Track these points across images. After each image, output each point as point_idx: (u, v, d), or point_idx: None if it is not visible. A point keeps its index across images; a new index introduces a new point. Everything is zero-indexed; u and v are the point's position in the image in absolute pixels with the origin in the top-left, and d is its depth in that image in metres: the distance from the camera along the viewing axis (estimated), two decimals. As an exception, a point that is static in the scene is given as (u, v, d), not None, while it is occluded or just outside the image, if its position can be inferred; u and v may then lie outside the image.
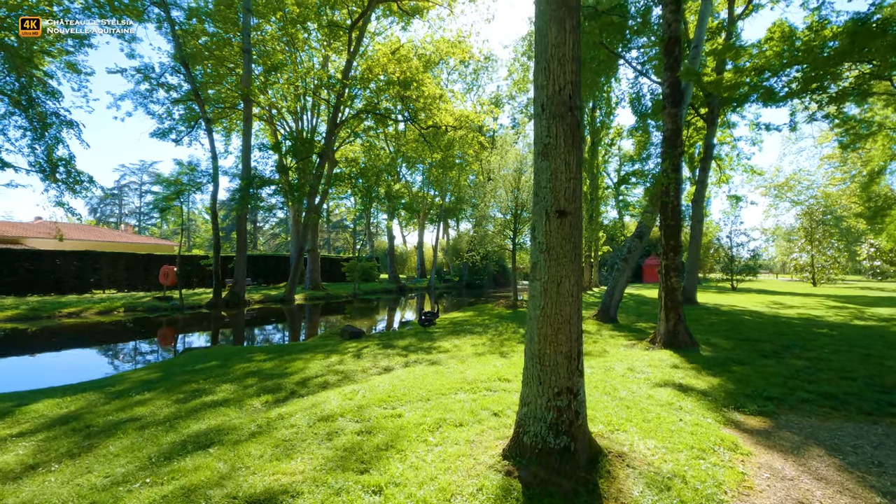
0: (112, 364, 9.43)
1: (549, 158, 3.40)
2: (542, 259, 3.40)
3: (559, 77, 3.41)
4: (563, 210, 3.35)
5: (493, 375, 6.35)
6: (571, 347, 3.36)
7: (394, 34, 27.69)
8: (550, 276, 3.36)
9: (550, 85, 3.43)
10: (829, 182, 45.27)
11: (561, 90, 3.41)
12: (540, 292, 3.40)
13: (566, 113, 3.39)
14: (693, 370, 6.65)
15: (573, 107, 3.42)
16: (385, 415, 4.60)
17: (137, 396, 5.78)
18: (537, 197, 3.49)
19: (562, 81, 3.41)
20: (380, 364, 7.62)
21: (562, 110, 3.39)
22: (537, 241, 3.46)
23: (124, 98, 24.26)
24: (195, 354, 8.81)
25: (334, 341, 10.45)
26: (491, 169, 20.30)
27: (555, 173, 3.38)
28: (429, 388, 5.63)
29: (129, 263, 26.58)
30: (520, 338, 10.21)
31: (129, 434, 4.42)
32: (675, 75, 8.54)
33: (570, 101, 3.42)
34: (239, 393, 5.84)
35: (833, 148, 45.77)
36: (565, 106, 3.40)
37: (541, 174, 3.46)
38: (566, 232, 3.36)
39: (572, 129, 3.40)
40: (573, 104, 3.43)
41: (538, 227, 3.46)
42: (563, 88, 3.41)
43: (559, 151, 3.37)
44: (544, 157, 3.43)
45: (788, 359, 7.61)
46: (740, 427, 4.33)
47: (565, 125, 3.38)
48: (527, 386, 3.50)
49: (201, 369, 7.31)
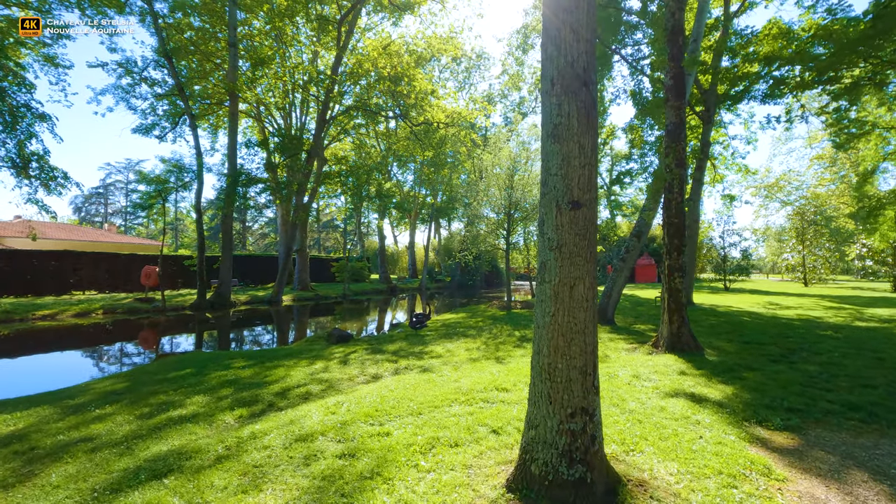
0: (79, 371, 8.79)
1: (560, 141, 2.92)
2: (553, 258, 2.92)
3: (572, 47, 2.93)
4: (576, 201, 2.88)
5: (489, 384, 5.88)
6: (587, 361, 2.89)
7: (384, 30, 27.11)
8: (562, 277, 2.88)
9: (561, 56, 2.95)
10: (818, 182, 45.57)
11: (574, 62, 2.93)
12: (550, 297, 2.93)
13: (580, 88, 2.92)
14: (703, 377, 6.23)
15: (588, 81, 2.95)
16: (371, 433, 4.10)
17: (97, 411, 5.21)
18: (546, 186, 3.02)
19: (575, 52, 2.93)
20: (367, 371, 7.10)
21: (575, 85, 2.92)
22: (546, 237, 2.98)
23: (105, 93, 23.44)
24: (169, 361, 8.22)
25: (320, 346, 9.90)
26: (483, 167, 19.84)
27: (567, 158, 2.90)
28: (420, 400, 5.13)
29: (110, 264, 25.72)
30: (515, 341, 9.76)
31: (78, 458, 3.87)
32: (679, 65, 8.14)
33: (585, 74, 2.94)
34: (211, 406, 5.29)
35: (822, 148, 46.14)
36: (579, 80, 2.93)
37: (550, 159, 2.98)
38: (581, 226, 2.89)
39: (587, 107, 2.93)
40: (588, 78, 2.95)
41: (547, 220, 2.99)
42: (577, 60, 2.93)
43: (572, 133, 2.90)
44: (554, 140, 2.95)
45: (799, 363, 7.24)
46: (767, 445, 3.89)
47: (579, 102, 2.91)
48: (534, 405, 3.02)
49: (173, 378, 6.74)
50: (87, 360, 10.05)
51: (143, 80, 23.23)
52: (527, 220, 20.71)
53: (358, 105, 23.33)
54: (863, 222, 24.41)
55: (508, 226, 19.32)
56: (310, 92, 24.64)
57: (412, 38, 26.55)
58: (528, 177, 19.38)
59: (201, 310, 20.18)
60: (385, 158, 31.82)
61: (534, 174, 19.79)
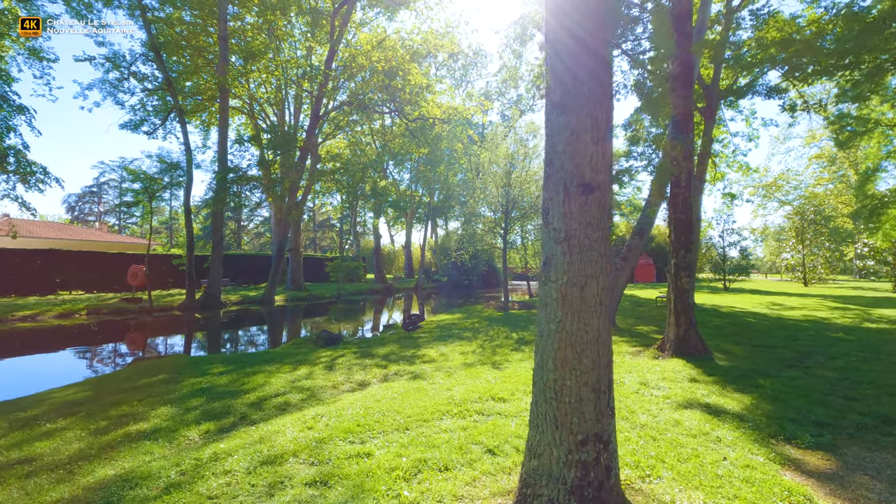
0: (45, 378, 8.22)
1: (569, 112, 2.43)
2: (560, 252, 2.42)
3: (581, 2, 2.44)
4: (588, 183, 2.38)
5: (485, 393, 5.38)
6: (601, 377, 2.39)
7: (379, 25, 26.58)
8: (572, 276, 2.38)
9: (570, 6, 2.46)
10: (817, 182, 45.29)
11: (585, 17, 2.44)
12: (556, 299, 2.43)
13: (596, 47, 2.42)
14: (716, 385, 5.75)
15: (602, 41, 2.46)
16: (350, 453, 3.59)
17: (47, 425, 4.68)
18: (551, 167, 2.52)
19: (585, 6, 2.44)
20: (354, 378, 6.59)
21: (588, 44, 2.42)
22: (552, 227, 2.48)
23: (92, 87, 22.88)
24: (143, 366, 7.68)
25: (307, 349, 9.37)
26: (481, 163, 19.33)
27: (576, 133, 2.41)
28: (408, 413, 4.63)
29: (99, 263, 25.09)
30: (513, 344, 9.26)
31: (8, 485, 3.34)
32: (687, 52, 7.65)
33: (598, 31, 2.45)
34: (175, 420, 4.77)
35: (821, 148, 45.87)
36: (592, 38, 2.43)
37: (556, 135, 2.48)
38: (593, 214, 2.39)
39: (599, 71, 2.44)
40: (602, 37, 2.46)
41: (553, 208, 2.49)
42: (589, 15, 2.44)
43: (582, 101, 2.40)
44: (561, 111, 2.46)
45: (815, 368, 6.78)
46: (802, 468, 3.41)
47: (591, 66, 2.42)
48: (537, 429, 2.52)
49: (143, 386, 6.21)
50: (59, 365, 9.48)
51: (133, 75, 22.67)
52: (524, 218, 20.24)
53: (352, 100, 22.75)
54: (865, 221, 24.02)
55: (506, 224, 18.83)
56: (303, 87, 24.10)
57: (408, 34, 26.02)
58: (525, 174, 18.90)
59: (190, 310, 19.59)
60: (380, 156, 31.25)
61: (531, 171, 19.32)
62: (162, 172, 20.51)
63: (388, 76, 20.64)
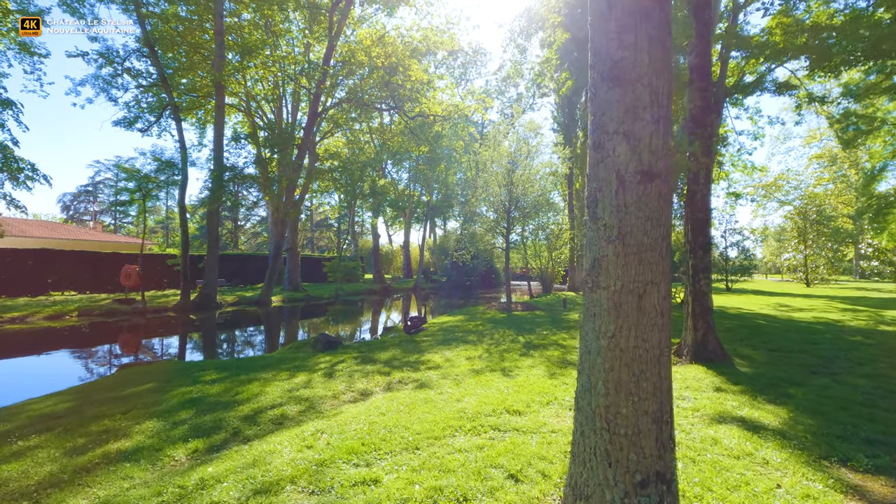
0: (27, 386, 7.76)
1: (623, 84, 2.02)
2: (612, 253, 2.01)
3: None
4: (647, 170, 1.98)
5: (498, 404, 4.98)
6: (663, 404, 1.99)
7: (378, 21, 26.12)
8: (627, 281, 1.98)
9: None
10: (817, 182, 45.09)
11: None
12: (608, 309, 2.02)
13: (652, 6, 2.02)
14: (744, 395, 5.36)
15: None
16: (355, 479, 3.18)
17: (19, 443, 4.24)
18: (600, 151, 2.11)
19: (643, -43, 2.03)
20: (355, 387, 6.17)
21: (645, 1, 2.01)
22: (601, 223, 2.07)
23: (85, 83, 22.36)
24: (131, 373, 7.24)
25: (305, 353, 8.94)
26: (482, 161, 18.92)
27: (632, 109, 2.00)
28: (417, 428, 4.22)
29: (92, 263, 24.57)
30: (520, 348, 8.85)
31: (-37, 520, 2.92)
32: (706, 41, 7.27)
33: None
34: (161, 436, 4.34)
35: (821, 148, 45.67)
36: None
37: (606, 113, 2.07)
38: (654, 207, 1.99)
39: (661, 35, 2.03)
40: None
41: (603, 200, 2.08)
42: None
43: (641, 72, 1.99)
44: (613, 84, 2.05)
45: (843, 375, 6.41)
46: (867, 498, 3.01)
47: (650, 27, 2.01)
48: (584, 465, 2.11)
49: (128, 396, 5.77)
50: (43, 370, 9.02)
51: (127, 71, 22.21)
52: (526, 218, 19.85)
53: (351, 98, 22.30)
54: (870, 221, 23.74)
55: (508, 224, 18.42)
56: (300, 84, 23.64)
57: (407, 30, 25.60)
58: (528, 172, 18.51)
59: (185, 311, 19.12)
60: (379, 155, 30.81)
61: (534, 170, 18.94)
62: (158, 171, 20.05)
63: (388, 72, 20.21)
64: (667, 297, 2.01)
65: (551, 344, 9.18)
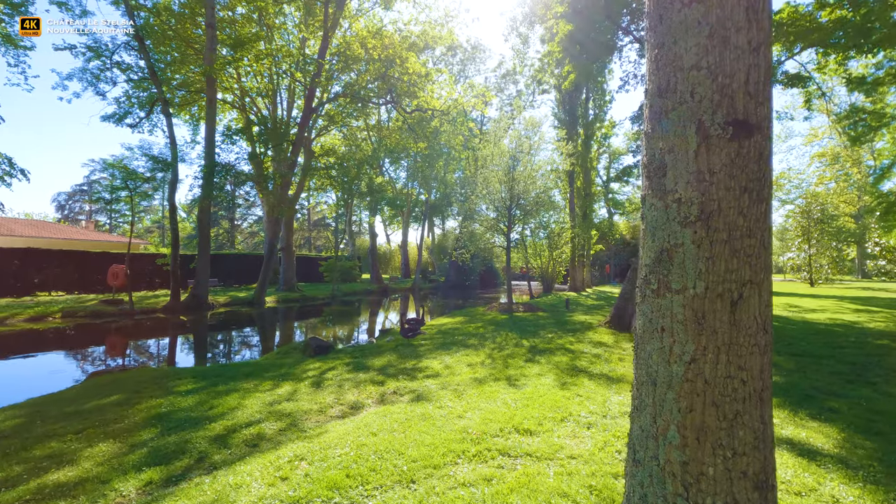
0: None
1: (706, 0, 1.40)
2: (691, 240, 1.39)
3: None
4: (743, 120, 1.36)
5: (505, 422, 4.36)
6: (767, 461, 1.37)
7: (375, 15, 25.46)
8: (714, 281, 1.35)
9: None
10: (819, 181, 44.63)
11: None
12: (684, 321, 1.40)
13: None
14: (782, 409, 4.75)
15: None
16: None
17: (-59, 473, 3.60)
18: (670, 95, 1.48)
19: None
20: (345, 399, 5.53)
21: None
22: (674, 198, 1.45)
23: (72, 77, 21.69)
24: (101, 383, 6.59)
25: (293, 359, 8.29)
26: (482, 156, 18.28)
27: (721, 33, 1.38)
28: (413, 454, 3.59)
29: (80, 263, 23.88)
30: (525, 353, 8.22)
31: None
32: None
33: None
34: (113, 463, 3.70)
35: (822, 147, 45.21)
36: None
37: (681, 38, 1.45)
38: (752, 172, 1.36)
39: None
40: None
41: (676, 166, 1.45)
42: None
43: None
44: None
45: (881, 385, 5.82)
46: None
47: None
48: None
49: (89, 410, 5.13)
50: (7, 378, 8.36)
51: (117, 65, 21.55)
52: (527, 216, 19.23)
53: (347, 92, 21.65)
54: (878, 220, 23.20)
55: (509, 221, 17.79)
56: (295, 78, 22.98)
57: (405, 24, 24.97)
58: (529, 169, 17.90)
59: (175, 312, 18.44)
60: (377, 152, 30.15)
61: (536, 166, 18.34)
62: (153, 170, 19.40)
63: (385, 64, 19.56)
64: (769, 305, 1.40)
65: (558, 348, 8.56)
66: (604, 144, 36.63)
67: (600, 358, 7.65)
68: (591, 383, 6.03)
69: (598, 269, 41.67)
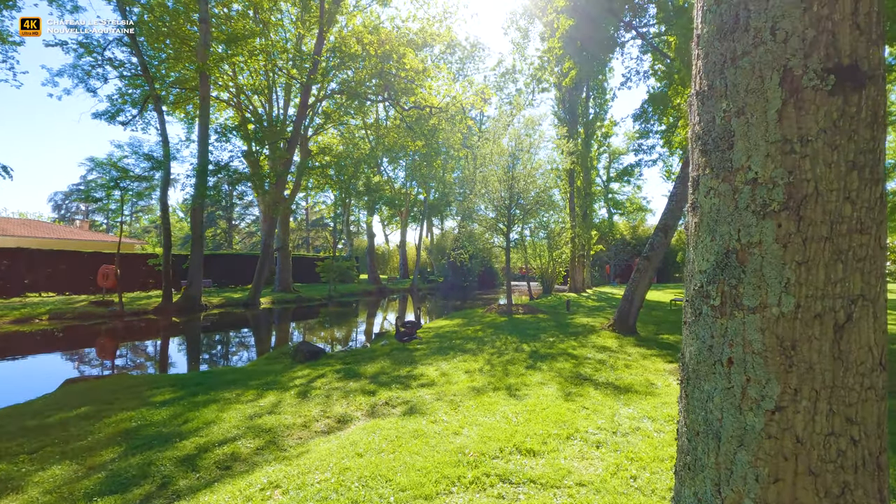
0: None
1: None
2: (773, 236, 0.97)
3: None
4: (853, 66, 0.94)
5: (506, 440, 3.94)
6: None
7: (373, 11, 25.04)
8: (809, 296, 0.93)
9: None
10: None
11: None
12: (764, 352, 0.98)
13: None
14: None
15: None
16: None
17: None
18: (739, 36, 1.06)
19: None
20: (332, 411, 5.11)
21: None
22: (745, 177, 1.03)
23: (62, 73, 21.27)
24: (73, 391, 6.17)
25: (282, 365, 7.87)
26: (482, 154, 17.87)
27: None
28: (402, 481, 3.18)
29: (72, 263, 23.43)
30: (526, 359, 7.80)
31: None
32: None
33: None
34: (63, 491, 3.28)
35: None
36: None
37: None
38: (862, 142, 0.95)
39: None
40: None
41: (748, 132, 1.03)
42: None
43: None
44: None
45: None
46: None
47: None
48: None
49: (51, 425, 4.70)
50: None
51: (109, 61, 21.14)
52: (527, 215, 18.81)
53: (343, 89, 21.23)
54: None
55: (508, 221, 17.38)
56: (291, 75, 22.55)
57: (403, 21, 24.54)
58: (529, 168, 17.50)
59: (167, 314, 18.00)
60: (374, 151, 29.72)
61: (535, 165, 17.94)
62: (146, 168, 18.96)
63: (382, 60, 19.13)
64: (885, 330, 0.99)
65: (560, 354, 8.15)
66: (604, 144, 36.18)
67: (605, 364, 7.24)
68: (598, 393, 5.62)
69: (598, 270, 41.28)
